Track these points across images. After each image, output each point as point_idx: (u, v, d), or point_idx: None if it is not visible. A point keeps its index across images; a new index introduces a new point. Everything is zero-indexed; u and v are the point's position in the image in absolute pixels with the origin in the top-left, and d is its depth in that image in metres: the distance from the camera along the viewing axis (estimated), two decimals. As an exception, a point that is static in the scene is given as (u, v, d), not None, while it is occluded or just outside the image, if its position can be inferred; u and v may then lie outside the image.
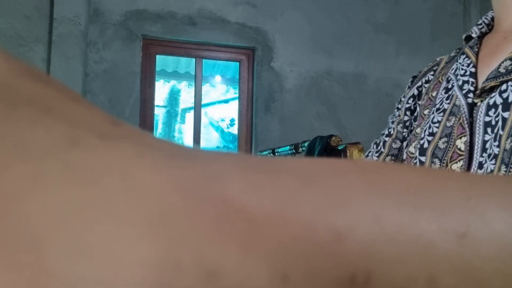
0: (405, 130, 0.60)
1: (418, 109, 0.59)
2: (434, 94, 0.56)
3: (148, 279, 0.09)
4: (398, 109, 0.62)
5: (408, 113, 0.60)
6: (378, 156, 0.61)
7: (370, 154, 0.62)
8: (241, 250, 0.10)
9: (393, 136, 0.61)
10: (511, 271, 0.11)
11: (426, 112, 0.56)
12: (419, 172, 0.13)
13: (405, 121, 0.60)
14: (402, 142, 0.60)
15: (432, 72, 0.61)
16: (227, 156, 0.11)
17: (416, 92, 0.61)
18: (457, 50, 0.60)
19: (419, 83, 0.61)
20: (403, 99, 0.62)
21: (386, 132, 0.62)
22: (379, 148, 0.62)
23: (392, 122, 0.62)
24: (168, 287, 0.09)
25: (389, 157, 0.60)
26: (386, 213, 0.11)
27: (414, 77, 0.63)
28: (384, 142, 0.61)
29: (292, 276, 0.10)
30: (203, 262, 0.09)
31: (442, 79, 0.57)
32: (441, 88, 0.55)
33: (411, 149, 0.55)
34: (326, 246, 0.10)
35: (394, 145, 0.61)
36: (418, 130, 0.55)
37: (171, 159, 0.10)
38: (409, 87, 0.62)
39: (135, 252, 0.09)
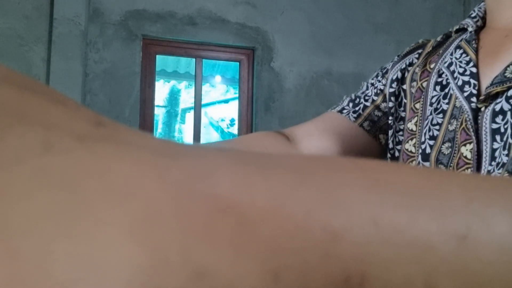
0: (390, 117, 0.58)
1: (402, 94, 0.58)
2: (424, 85, 0.54)
3: (135, 280, 0.08)
4: (379, 81, 0.61)
5: (392, 98, 0.58)
6: (355, 118, 0.60)
7: (345, 111, 0.61)
8: (232, 249, 0.09)
9: (376, 105, 0.60)
10: None
11: (417, 106, 0.54)
12: (420, 172, 0.13)
13: (390, 107, 0.58)
14: (384, 115, 0.60)
15: (416, 55, 0.59)
16: (217, 152, 0.11)
17: (399, 75, 0.59)
18: (443, 36, 0.57)
19: (403, 65, 0.59)
20: (386, 75, 0.61)
21: (367, 97, 0.61)
22: (357, 109, 0.60)
23: (375, 88, 0.61)
24: None
25: (367, 122, 0.60)
26: (383, 213, 0.11)
27: (398, 55, 0.62)
28: (365, 106, 0.60)
29: (284, 276, 0.09)
30: (192, 262, 0.09)
31: (430, 67, 0.55)
32: (433, 82, 0.53)
33: (409, 147, 0.53)
34: (321, 246, 0.10)
35: (375, 113, 0.60)
36: (411, 126, 0.54)
37: (156, 158, 0.10)
38: (393, 64, 0.60)
39: (119, 253, 0.08)
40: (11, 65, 2.67)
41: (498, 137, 0.43)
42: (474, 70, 0.48)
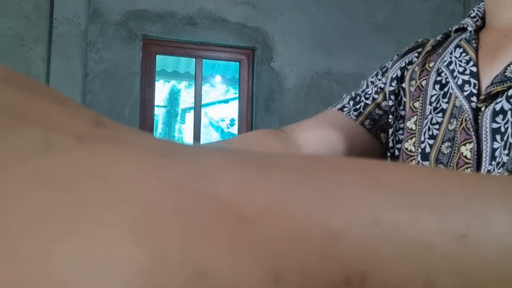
0: (390, 116, 0.58)
1: (401, 92, 0.58)
2: (423, 84, 0.54)
3: (135, 280, 0.08)
4: (379, 79, 0.61)
5: (392, 97, 0.58)
6: (356, 116, 0.59)
7: (346, 109, 0.60)
8: (232, 249, 0.09)
9: (377, 103, 0.60)
10: None
11: (417, 105, 0.54)
12: (420, 171, 0.13)
13: (390, 106, 0.58)
14: (384, 114, 0.60)
15: (416, 54, 0.59)
16: (217, 152, 0.11)
17: (399, 73, 0.58)
18: (443, 36, 0.57)
19: (402, 64, 0.59)
20: (385, 74, 0.60)
21: (367, 95, 0.60)
22: (358, 107, 0.60)
23: (376, 87, 0.61)
24: None
25: (368, 120, 0.59)
26: (383, 212, 0.11)
27: (398, 54, 0.62)
28: (366, 104, 0.60)
29: (284, 276, 0.09)
30: (191, 262, 0.09)
31: (429, 66, 0.55)
32: (432, 81, 0.53)
33: (408, 146, 0.53)
34: (320, 246, 0.10)
35: (376, 111, 0.60)
36: (411, 125, 0.53)
37: (156, 158, 0.10)
38: (393, 62, 0.60)
39: (119, 253, 0.08)
40: (11, 65, 2.68)
41: (498, 137, 0.43)
42: (474, 69, 0.48)
